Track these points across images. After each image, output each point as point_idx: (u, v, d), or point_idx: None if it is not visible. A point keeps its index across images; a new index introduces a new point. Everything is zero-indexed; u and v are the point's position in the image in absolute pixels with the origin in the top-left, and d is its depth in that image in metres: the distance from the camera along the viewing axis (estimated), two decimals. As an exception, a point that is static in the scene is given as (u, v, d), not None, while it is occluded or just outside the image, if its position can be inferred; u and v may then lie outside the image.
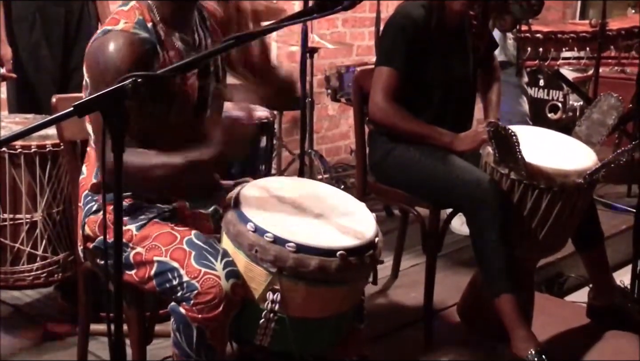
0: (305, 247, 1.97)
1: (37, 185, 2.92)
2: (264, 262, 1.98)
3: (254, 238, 1.98)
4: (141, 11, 2.15)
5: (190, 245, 2.07)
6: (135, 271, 2.13)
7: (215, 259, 2.02)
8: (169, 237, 2.11)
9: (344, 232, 2.07)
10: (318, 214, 2.12)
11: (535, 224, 2.77)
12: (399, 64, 2.99)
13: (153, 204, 2.22)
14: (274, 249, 1.96)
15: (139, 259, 2.12)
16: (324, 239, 2.01)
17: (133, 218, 2.17)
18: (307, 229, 2.03)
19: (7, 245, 2.94)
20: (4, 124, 3.01)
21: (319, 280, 1.99)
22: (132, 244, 2.14)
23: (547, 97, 5.73)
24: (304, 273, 1.97)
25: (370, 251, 2.06)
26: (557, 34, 4.56)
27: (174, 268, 2.04)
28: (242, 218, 2.02)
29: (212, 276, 1.99)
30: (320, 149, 5.18)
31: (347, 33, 5.55)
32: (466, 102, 3.24)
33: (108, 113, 1.54)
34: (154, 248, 2.10)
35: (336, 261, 1.97)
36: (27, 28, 3.37)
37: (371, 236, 2.08)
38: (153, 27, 2.14)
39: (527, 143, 2.68)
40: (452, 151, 2.97)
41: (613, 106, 2.95)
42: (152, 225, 2.17)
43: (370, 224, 2.14)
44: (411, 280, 3.55)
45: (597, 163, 2.74)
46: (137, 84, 1.58)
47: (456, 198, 2.87)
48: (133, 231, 2.16)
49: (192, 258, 2.03)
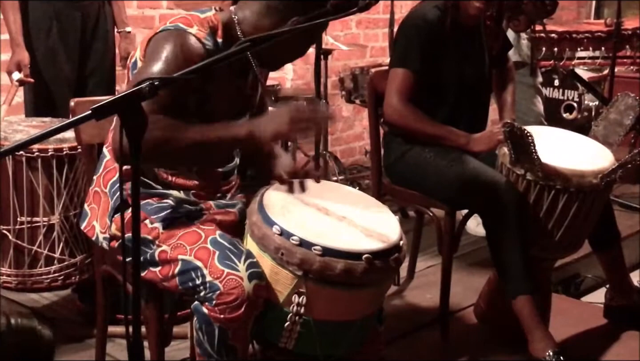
0: (331, 250, 1.96)
1: (54, 188, 2.94)
2: (290, 265, 1.97)
3: (279, 241, 1.98)
4: (215, 25, 2.14)
5: (214, 245, 2.07)
6: (159, 268, 2.13)
7: (238, 260, 2.02)
8: (194, 236, 2.11)
9: (369, 235, 2.06)
10: (342, 216, 2.12)
11: (552, 224, 2.76)
12: (414, 65, 2.99)
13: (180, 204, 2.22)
14: (300, 252, 1.96)
15: (164, 257, 2.12)
16: (349, 243, 2.00)
17: (160, 216, 2.17)
18: (332, 232, 2.03)
19: (25, 248, 2.96)
20: (21, 128, 3.03)
21: (344, 283, 1.99)
22: (159, 242, 2.14)
23: (562, 97, 5.71)
24: (330, 276, 1.97)
25: (395, 254, 2.06)
26: (572, 33, 4.54)
27: (198, 267, 2.05)
28: (268, 220, 2.02)
29: (234, 277, 1.99)
30: (334, 150, 5.18)
31: (361, 34, 5.55)
32: (481, 103, 3.23)
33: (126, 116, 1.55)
34: (179, 247, 2.11)
35: (362, 264, 1.97)
36: (44, 32, 3.38)
37: (396, 239, 2.08)
38: (223, 44, 2.12)
39: (542, 144, 2.68)
40: (468, 151, 2.97)
41: (630, 106, 2.94)
42: (179, 224, 2.16)
43: (394, 226, 2.13)
44: (427, 281, 3.55)
45: (614, 164, 2.73)
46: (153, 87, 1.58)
47: (472, 199, 2.87)
48: (159, 229, 2.15)
49: (216, 258, 2.03)
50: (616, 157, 2.81)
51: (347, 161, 5.44)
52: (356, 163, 5.44)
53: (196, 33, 2.08)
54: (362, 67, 4.67)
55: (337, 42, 4.60)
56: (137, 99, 1.55)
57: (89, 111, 1.55)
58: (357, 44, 5.41)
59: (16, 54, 3.30)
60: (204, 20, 2.13)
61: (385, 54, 5.30)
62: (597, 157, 2.82)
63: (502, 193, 2.75)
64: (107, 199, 2.23)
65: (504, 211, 2.73)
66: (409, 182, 3.13)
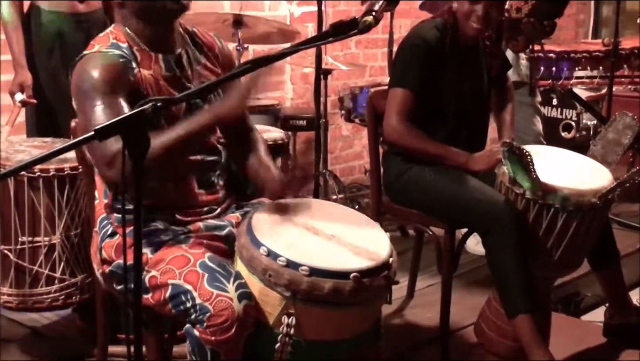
0: (318, 270, 1.97)
1: (55, 208, 2.94)
2: (278, 286, 1.98)
3: (267, 262, 1.99)
4: (115, 35, 2.26)
5: (203, 268, 2.09)
6: (151, 294, 2.15)
7: (227, 281, 2.04)
8: (183, 260, 2.13)
9: (358, 253, 2.06)
10: (331, 235, 2.12)
11: (551, 243, 2.77)
12: (413, 85, 3.01)
13: (168, 228, 2.24)
14: (288, 273, 1.96)
15: (154, 283, 2.15)
16: (337, 262, 2.01)
17: (148, 242, 2.19)
18: (320, 252, 2.03)
19: (26, 268, 2.95)
20: (23, 148, 3.04)
21: (333, 303, 1.99)
22: (148, 268, 2.16)
23: (560, 116, 5.72)
24: (318, 296, 1.97)
25: (385, 272, 2.06)
26: (570, 53, 4.56)
27: (188, 290, 2.06)
28: (255, 242, 2.03)
29: (224, 298, 2.00)
30: (334, 169, 5.18)
31: (361, 54, 5.57)
32: (480, 122, 3.25)
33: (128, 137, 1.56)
34: (168, 271, 2.13)
35: (350, 283, 1.97)
36: (47, 54, 3.40)
37: (385, 257, 2.08)
38: (128, 47, 2.23)
39: (541, 162, 2.69)
40: (467, 170, 2.98)
41: (628, 125, 2.96)
42: (167, 248, 2.19)
43: (384, 244, 2.13)
44: (427, 300, 3.55)
45: (613, 182, 2.74)
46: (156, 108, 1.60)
47: (471, 218, 2.88)
48: (148, 254, 2.18)
49: (205, 280, 2.05)
50: (615, 176, 2.82)
51: (347, 179, 5.44)
52: (356, 182, 5.44)
53: (98, 50, 2.21)
54: (361, 87, 4.69)
55: (337, 62, 4.62)
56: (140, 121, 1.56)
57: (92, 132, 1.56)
58: (356, 63, 5.42)
59: (19, 75, 3.31)
60: (104, 37, 2.27)
61: (384, 74, 5.32)
62: (595, 176, 2.83)
63: (501, 211, 2.76)
64: (97, 237, 2.33)
65: (503, 230, 2.74)
66: (408, 201, 3.14)
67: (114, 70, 2.15)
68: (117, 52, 2.20)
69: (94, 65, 2.15)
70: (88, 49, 2.23)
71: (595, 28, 7.02)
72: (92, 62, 2.17)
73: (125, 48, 2.22)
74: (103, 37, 2.26)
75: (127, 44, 2.23)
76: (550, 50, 4.42)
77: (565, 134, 5.69)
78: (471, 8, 2.97)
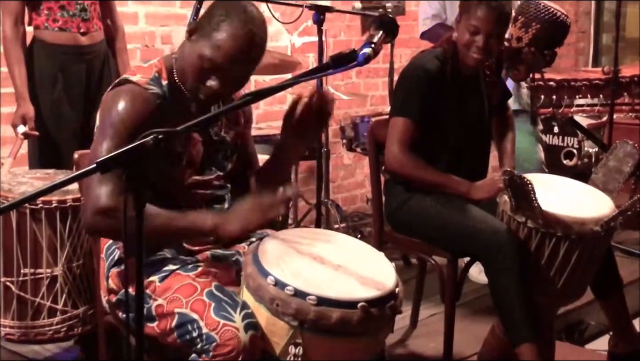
0: (326, 300, 1.96)
1: (57, 239, 2.94)
2: (286, 316, 1.97)
3: (274, 292, 1.98)
4: (159, 69, 2.22)
5: (210, 297, 2.09)
6: (157, 323, 2.15)
7: (234, 311, 2.03)
8: (190, 288, 2.13)
9: (364, 283, 2.06)
10: (337, 265, 2.12)
11: (554, 272, 2.76)
12: (414, 114, 3.02)
13: (176, 256, 2.24)
14: (295, 302, 1.96)
15: (160, 311, 2.14)
16: (344, 291, 2.00)
17: (156, 270, 2.19)
18: (327, 281, 2.03)
19: (28, 300, 2.95)
20: (25, 180, 3.04)
21: (340, 332, 1.99)
22: (155, 296, 2.16)
23: (562, 144, 5.73)
24: (325, 326, 1.96)
25: (391, 302, 2.06)
26: (570, 81, 4.57)
27: (194, 319, 2.06)
28: (262, 271, 2.03)
29: (230, 328, 2.00)
30: (336, 198, 5.19)
31: (361, 84, 5.60)
32: (481, 150, 3.26)
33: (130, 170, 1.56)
34: (175, 300, 2.12)
35: (357, 313, 1.97)
36: (49, 85, 3.41)
37: (391, 287, 2.08)
38: (168, 84, 2.21)
39: (543, 191, 2.69)
40: (469, 199, 2.98)
41: (629, 153, 2.97)
42: (174, 276, 2.18)
43: (390, 274, 2.14)
44: (430, 330, 3.53)
45: (614, 210, 2.74)
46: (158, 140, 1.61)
47: (473, 247, 2.87)
48: (156, 282, 2.17)
49: (212, 309, 2.05)
50: (616, 204, 2.82)
51: (349, 208, 5.44)
52: (358, 211, 5.44)
53: (138, 80, 2.17)
54: (362, 116, 4.71)
55: (338, 92, 4.65)
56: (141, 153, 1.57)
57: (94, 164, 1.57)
58: (357, 93, 5.45)
59: (21, 107, 3.32)
60: (148, 67, 2.23)
61: (385, 103, 5.34)
62: (597, 204, 2.83)
63: (503, 240, 2.76)
64: (104, 263, 2.32)
65: (505, 259, 2.73)
66: (410, 229, 3.14)
67: (146, 112, 2.13)
68: (155, 90, 2.18)
69: (129, 100, 2.13)
70: (129, 74, 2.20)
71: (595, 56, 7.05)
72: (129, 96, 2.14)
73: (165, 87, 2.20)
74: (147, 68, 2.23)
75: (168, 81, 2.21)
76: (550, 78, 4.43)
77: (567, 161, 5.69)
78: (471, 39, 2.99)
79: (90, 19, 3.45)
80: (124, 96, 2.14)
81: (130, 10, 4.26)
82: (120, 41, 3.68)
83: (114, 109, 2.13)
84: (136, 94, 2.15)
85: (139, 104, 2.14)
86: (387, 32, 2.00)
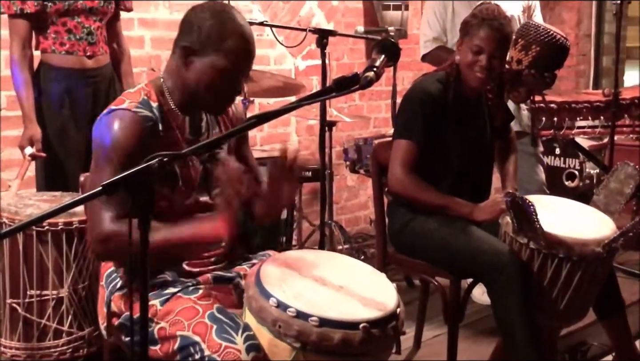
0: (328, 321, 1.96)
1: (63, 261, 2.94)
2: (288, 337, 1.97)
3: (276, 313, 1.98)
4: (147, 92, 2.24)
5: (211, 319, 2.08)
6: (159, 346, 2.14)
7: (236, 333, 2.03)
8: (192, 311, 2.13)
9: (366, 304, 2.06)
10: (339, 286, 2.12)
11: (556, 293, 2.76)
12: (417, 136, 3.02)
13: (177, 279, 2.24)
14: (297, 323, 1.96)
15: (162, 334, 2.14)
16: (346, 312, 2.00)
17: (157, 293, 2.19)
18: (329, 302, 2.03)
19: (34, 321, 2.95)
20: (32, 202, 3.05)
21: (343, 353, 1.98)
22: (157, 319, 2.16)
23: (563, 166, 5.73)
24: (327, 347, 1.96)
25: (393, 323, 2.06)
26: (571, 103, 4.58)
27: (196, 342, 2.06)
28: (264, 293, 2.02)
29: (232, 350, 2.00)
30: (339, 219, 5.18)
31: (365, 106, 5.61)
32: (484, 172, 3.26)
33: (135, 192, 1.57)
34: (177, 323, 2.12)
35: (359, 334, 1.97)
36: (56, 109, 3.43)
37: (393, 307, 2.08)
38: (158, 106, 2.22)
39: (545, 212, 2.69)
40: (472, 221, 2.98)
41: (630, 175, 2.96)
42: (176, 300, 2.18)
43: (391, 294, 2.13)
44: (434, 351, 3.52)
45: (616, 232, 2.74)
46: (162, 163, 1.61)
47: (476, 268, 2.87)
48: (157, 306, 2.17)
49: (214, 332, 2.05)
50: (618, 225, 2.82)
51: (353, 229, 5.44)
52: (361, 232, 5.44)
53: (126, 106, 2.18)
54: (365, 138, 4.72)
55: (341, 114, 4.66)
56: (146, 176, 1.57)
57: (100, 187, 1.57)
58: (360, 115, 5.46)
59: (28, 129, 3.34)
60: (135, 92, 2.24)
61: (388, 125, 5.35)
62: (599, 225, 2.82)
63: (505, 262, 2.75)
64: (104, 291, 2.32)
65: (508, 280, 2.73)
66: (413, 251, 3.13)
67: (138, 135, 2.14)
68: (146, 113, 2.18)
69: (120, 126, 2.14)
70: (117, 104, 2.20)
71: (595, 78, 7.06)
72: (120, 122, 2.15)
73: (156, 108, 2.21)
74: (134, 92, 2.24)
75: (158, 103, 2.22)
76: (551, 100, 4.44)
77: (569, 183, 5.69)
78: (475, 58, 3.00)
79: (96, 43, 3.47)
80: (117, 122, 2.15)
81: (136, 34, 4.29)
82: (126, 64, 3.70)
83: (110, 135, 2.14)
84: (127, 117, 2.16)
85: (132, 127, 2.15)
86: (389, 56, 2.01)
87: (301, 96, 2.01)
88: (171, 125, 2.23)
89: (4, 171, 3.86)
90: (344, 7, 5.34)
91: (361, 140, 4.68)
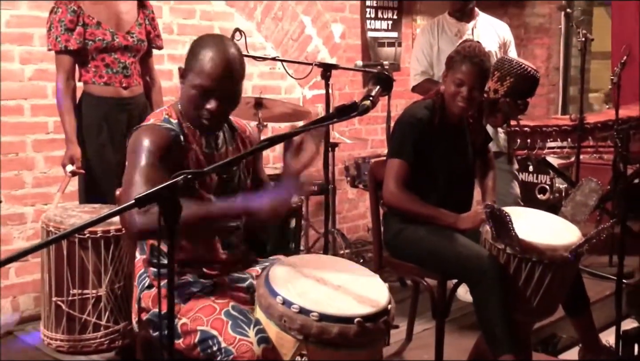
0: (327, 316, 1.97)
1: (102, 264, 2.94)
2: (292, 330, 1.98)
3: (282, 310, 1.99)
4: (168, 112, 2.27)
5: (227, 316, 2.09)
6: (182, 339, 2.14)
7: (248, 328, 2.04)
8: (210, 309, 2.14)
9: (361, 301, 2.07)
10: (338, 285, 2.12)
11: (530, 292, 2.75)
12: (408, 156, 3.03)
13: (197, 280, 2.24)
14: (300, 318, 1.96)
15: (185, 329, 2.14)
16: (343, 308, 2.01)
17: (179, 293, 2.20)
18: (328, 300, 2.03)
19: (76, 316, 2.95)
20: (75, 213, 3.05)
21: (340, 345, 1.98)
22: (180, 316, 2.16)
23: (536, 181, 5.73)
24: (327, 339, 1.96)
25: (384, 317, 2.06)
26: (543, 127, 4.58)
27: (214, 335, 2.07)
28: (272, 292, 2.03)
29: (245, 342, 2.01)
30: (341, 227, 5.18)
31: (363, 129, 5.61)
32: (466, 187, 3.26)
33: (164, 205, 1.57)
34: (197, 319, 2.13)
35: (354, 327, 1.97)
36: (95, 132, 3.44)
37: (384, 304, 2.08)
38: (178, 123, 2.24)
39: (520, 222, 2.68)
40: (456, 229, 2.98)
41: (593, 189, 2.96)
42: (196, 299, 2.19)
43: (383, 293, 2.14)
44: (423, 343, 3.50)
45: (582, 238, 2.73)
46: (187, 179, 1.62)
47: (460, 270, 2.86)
48: (180, 304, 2.18)
49: (229, 326, 2.06)
50: (583, 233, 2.81)
51: (353, 236, 5.42)
52: (360, 239, 5.43)
53: (154, 122, 2.21)
54: (363, 157, 4.72)
55: (343, 137, 4.67)
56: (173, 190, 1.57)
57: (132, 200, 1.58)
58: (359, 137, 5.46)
59: (70, 149, 3.35)
60: (159, 113, 2.27)
61: (383, 146, 5.35)
62: (566, 233, 2.82)
63: (486, 265, 2.75)
64: (136, 290, 2.33)
65: (488, 281, 2.72)
66: (405, 255, 3.13)
67: (163, 140, 2.15)
68: (168, 126, 2.21)
69: (147, 134, 2.16)
70: (144, 122, 2.24)
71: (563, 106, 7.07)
72: (147, 131, 2.17)
73: (176, 125, 2.23)
74: (158, 113, 2.27)
75: (177, 120, 2.24)
76: (525, 125, 4.44)
77: (541, 196, 5.68)
78: (457, 90, 3.01)
79: (131, 75, 3.48)
80: (145, 132, 2.17)
81: (166, 68, 4.31)
82: (157, 94, 3.71)
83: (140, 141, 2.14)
84: (155, 128, 2.19)
85: (158, 134, 2.16)
86: (384, 86, 2.01)
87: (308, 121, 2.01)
88: (189, 139, 2.24)
89: (51, 185, 3.87)
90: (345, 44, 5.36)
91: (360, 159, 4.69)
